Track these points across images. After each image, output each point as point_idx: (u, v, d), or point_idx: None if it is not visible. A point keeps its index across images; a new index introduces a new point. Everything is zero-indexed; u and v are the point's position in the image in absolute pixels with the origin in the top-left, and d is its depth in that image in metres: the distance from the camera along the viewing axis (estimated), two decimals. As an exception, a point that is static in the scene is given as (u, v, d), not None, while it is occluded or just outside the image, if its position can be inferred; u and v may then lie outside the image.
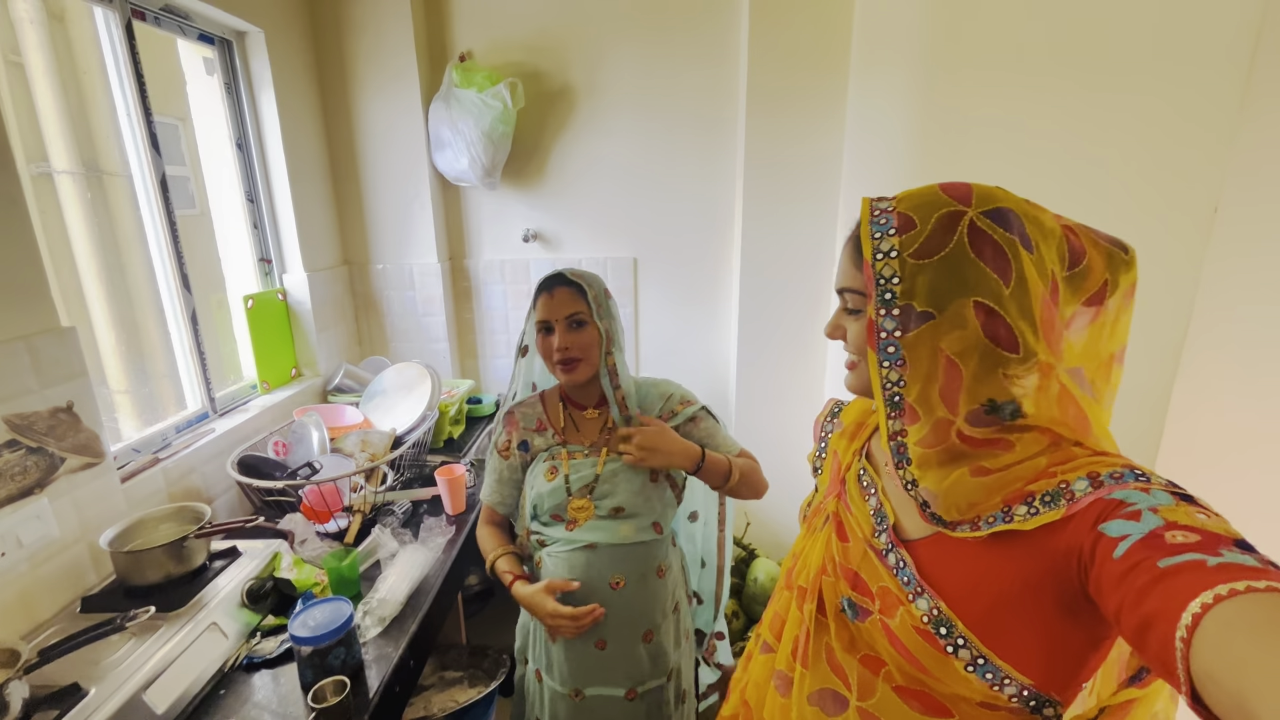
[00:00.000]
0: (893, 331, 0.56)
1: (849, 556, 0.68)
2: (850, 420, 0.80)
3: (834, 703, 0.67)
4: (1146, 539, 0.44)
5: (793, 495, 2.37)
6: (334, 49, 2.03)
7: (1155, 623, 0.41)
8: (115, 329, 1.68)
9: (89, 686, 0.89)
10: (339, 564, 1.23)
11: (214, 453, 1.56)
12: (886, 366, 0.57)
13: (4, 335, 1.05)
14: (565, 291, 1.13)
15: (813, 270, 2.06)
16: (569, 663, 1.16)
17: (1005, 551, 0.55)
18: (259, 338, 1.86)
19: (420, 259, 2.20)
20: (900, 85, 1.55)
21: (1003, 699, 0.56)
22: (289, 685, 1.03)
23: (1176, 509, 0.46)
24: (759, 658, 0.79)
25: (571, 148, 2.15)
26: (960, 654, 0.56)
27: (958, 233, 0.54)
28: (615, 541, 1.13)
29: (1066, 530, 0.51)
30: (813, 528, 0.76)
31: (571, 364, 1.13)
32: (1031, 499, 0.54)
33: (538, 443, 1.21)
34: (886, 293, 0.56)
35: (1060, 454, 0.55)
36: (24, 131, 1.51)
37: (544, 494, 1.15)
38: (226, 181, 1.86)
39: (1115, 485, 0.50)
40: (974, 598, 0.57)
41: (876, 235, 0.57)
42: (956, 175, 0.62)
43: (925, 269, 0.55)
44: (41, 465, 1.09)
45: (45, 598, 1.10)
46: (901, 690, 0.62)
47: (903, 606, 0.60)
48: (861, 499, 0.69)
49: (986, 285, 0.53)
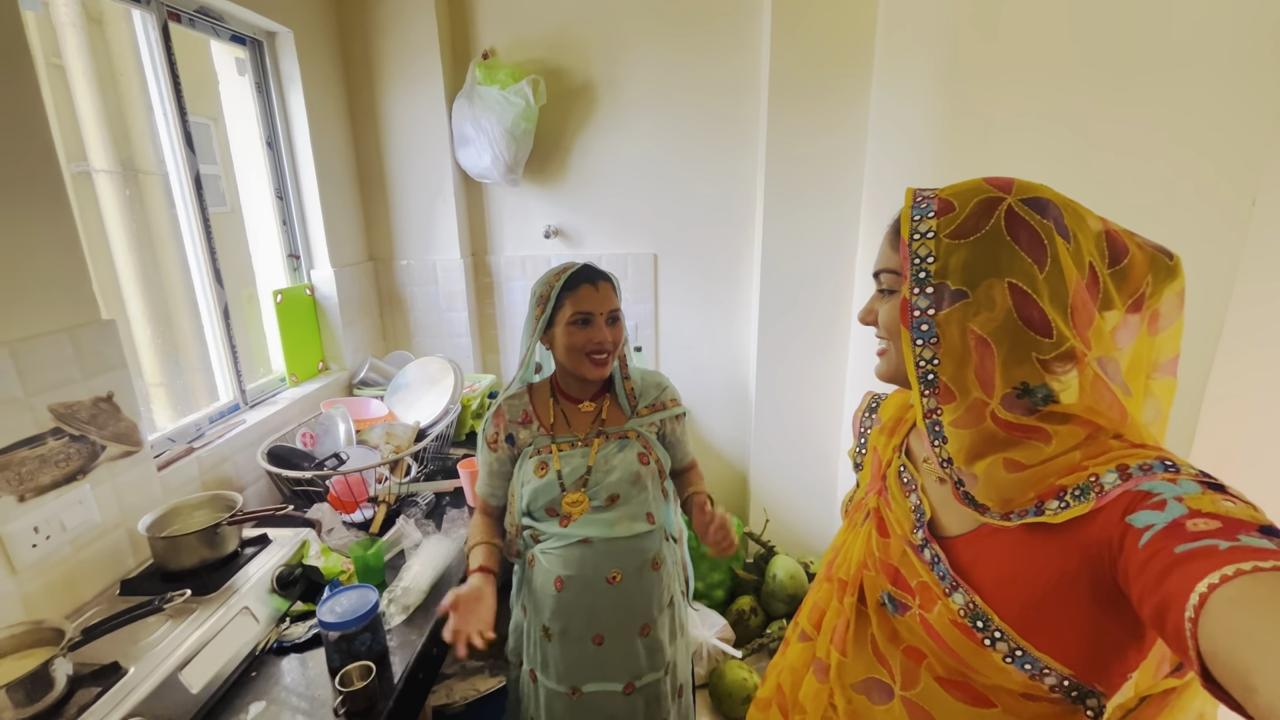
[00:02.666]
0: (926, 309, 0.57)
1: (889, 552, 0.69)
2: (888, 415, 0.80)
3: (880, 691, 0.68)
4: (1169, 527, 0.45)
5: (811, 492, 2.37)
6: (360, 48, 2.07)
7: (1170, 606, 0.42)
8: (151, 323, 1.73)
9: (128, 665, 0.92)
10: (365, 553, 1.26)
11: (245, 443, 1.60)
12: (920, 344, 0.58)
13: (49, 327, 1.09)
14: (608, 285, 1.14)
15: (834, 266, 2.05)
16: (566, 661, 1.15)
17: (1039, 545, 0.56)
18: (288, 332, 1.91)
19: (443, 255, 2.23)
20: (925, 79, 1.53)
21: (1043, 689, 0.56)
22: (317, 669, 1.06)
23: (1202, 497, 0.46)
24: (796, 645, 0.81)
25: (593, 144, 2.15)
26: (998, 646, 0.57)
27: (994, 216, 0.55)
28: (610, 536, 1.13)
29: (1096, 523, 0.51)
30: (854, 523, 0.77)
31: (604, 359, 1.13)
32: (1063, 493, 0.54)
33: (523, 436, 1.19)
34: (921, 271, 0.57)
35: (1095, 447, 0.55)
36: (64, 132, 1.57)
37: (537, 490, 1.14)
38: (256, 179, 1.91)
39: (1143, 477, 0.50)
40: (1010, 592, 0.57)
41: (916, 218, 0.58)
42: (982, 172, 0.61)
43: (960, 248, 0.56)
44: (84, 453, 1.13)
45: (87, 580, 1.14)
46: (943, 681, 0.63)
47: (940, 601, 0.61)
48: (902, 495, 0.70)
49: (1020, 267, 0.54)
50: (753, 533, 2.24)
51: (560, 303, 1.12)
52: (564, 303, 1.11)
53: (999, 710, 0.60)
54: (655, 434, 1.21)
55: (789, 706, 0.79)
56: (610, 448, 1.15)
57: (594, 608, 1.13)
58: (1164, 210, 0.84)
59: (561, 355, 1.15)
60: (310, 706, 0.98)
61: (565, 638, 1.15)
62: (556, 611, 1.14)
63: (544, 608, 1.15)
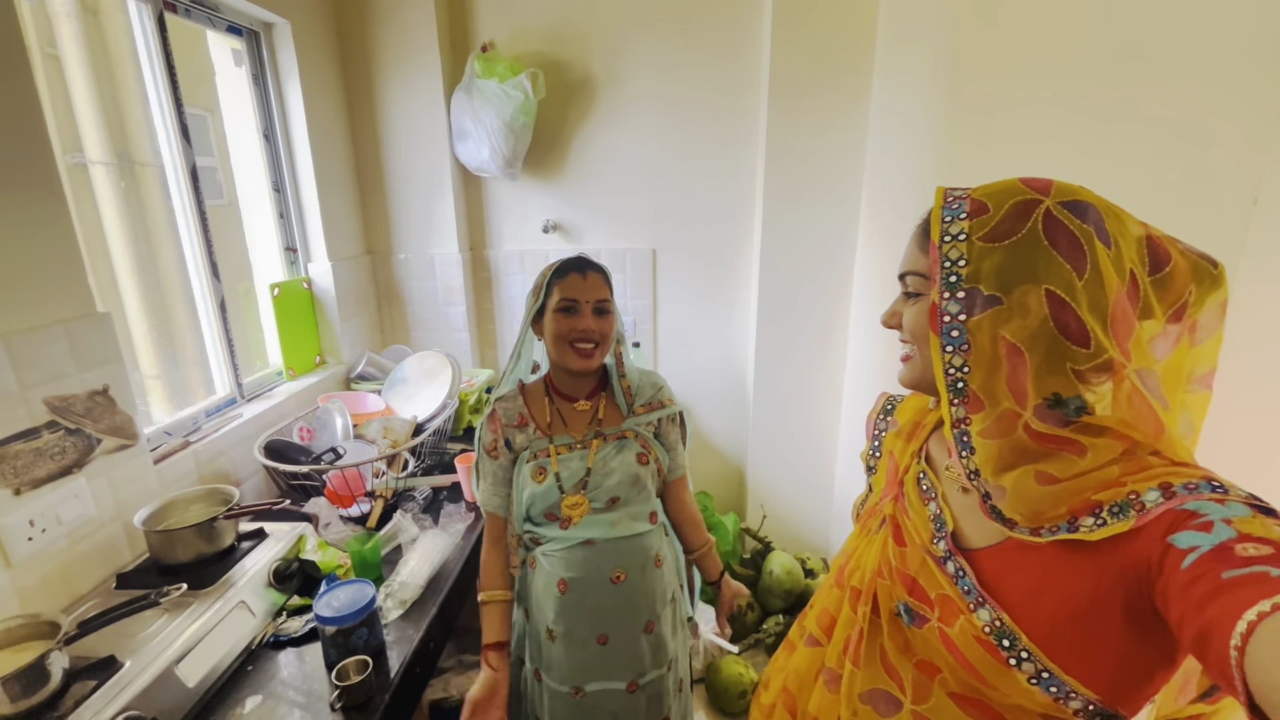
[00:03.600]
0: (956, 315, 0.55)
1: (906, 562, 0.66)
2: (906, 419, 0.77)
3: (887, 703, 0.66)
4: (1215, 550, 0.43)
5: (808, 489, 2.37)
6: (358, 40, 2.05)
7: (1213, 633, 0.40)
8: (147, 316, 1.72)
9: (124, 659, 0.92)
10: (362, 547, 1.26)
11: (241, 437, 1.60)
12: (950, 351, 0.55)
13: (44, 320, 1.09)
14: (597, 276, 1.12)
15: (834, 264, 2.04)
16: (570, 661, 1.14)
17: (1071, 563, 0.53)
18: (285, 325, 1.90)
19: (441, 249, 2.23)
20: (926, 76, 1.53)
21: (1066, 713, 0.54)
22: (313, 663, 1.06)
23: (1252, 521, 0.44)
24: (803, 649, 0.78)
25: (592, 139, 2.15)
26: (1024, 667, 0.54)
27: (1032, 219, 0.53)
28: (612, 536, 1.12)
29: (1136, 542, 0.49)
30: (868, 529, 0.74)
31: (589, 349, 1.11)
32: (1099, 509, 0.52)
33: (519, 440, 1.15)
34: (952, 275, 0.55)
35: (1134, 463, 0.53)
36: (60, 123, 1.55)
37: (536, 495, 1.11)
38: (253, 172, 1.90)
39: (1189, 496, 0.48)
40: (1038, 610, 0.54)
41: (947, 219, 0.56)
42: (984, 171, 0.60)
43: (994, 252, 0.53)
44: (79, 446, 1.13)
45: (83, 573, 1.14)
46: (957, 697, 0.61)
47: (963, 616, 0.58)
48: (920, 503, 0.68)
49: (1058, 274, 0.52)
50: (750, 529, 2.24)
51: (550, 291, 1.12)
52: (553, 290, 1.11)
53: None
54: (652, 433, 1.20)
55: (797, 712, 0.77)
56: (609, 449, 1.14)
57: (598, 608, 1.12)
58: (1164, 207, 0.84)
59: (550, 345, 1.13)
60: (307, 700, 0.98)
61: (569, 639, 1.13)
62: (560, 613, 1.12)
63: (547, 610, 1.14)
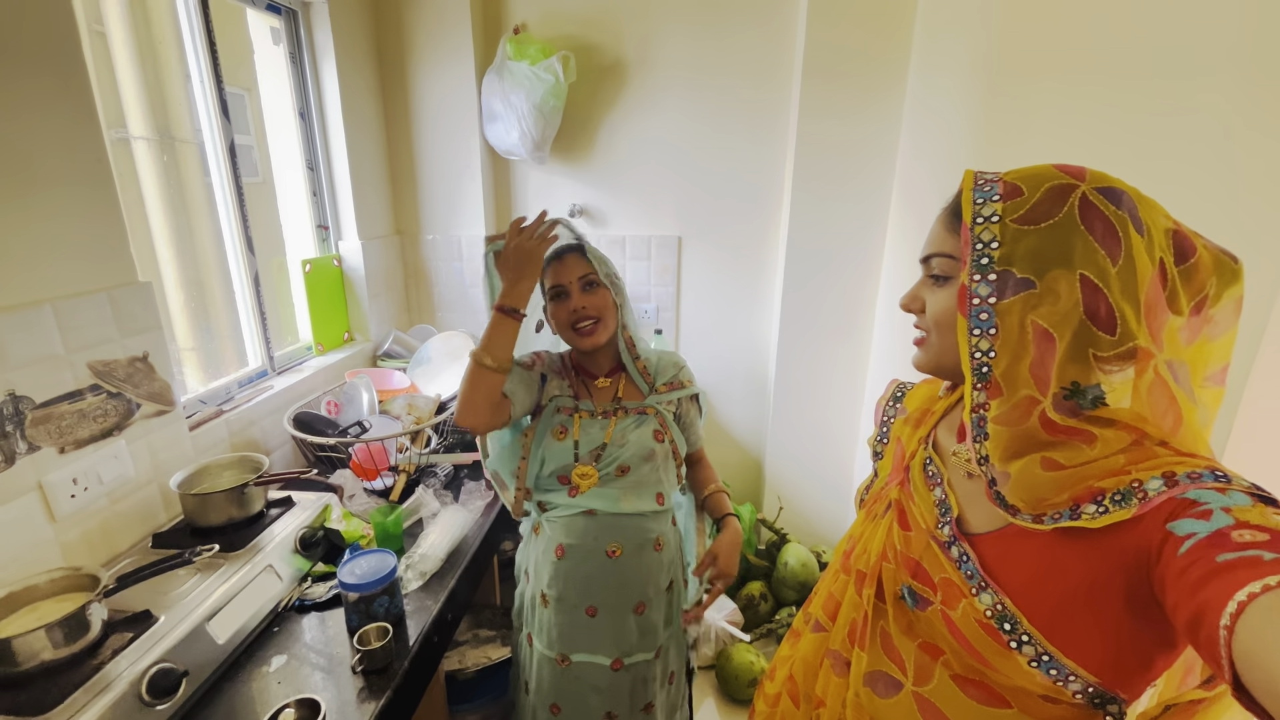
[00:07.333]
0: (986, 297, 0.54)
1: (911, 546, 0.67)
2: (915, 406, 0.78)
3: (887, 685, 0.66)
4: (1212, 537, 0.43)
5: (826, 481, 2.36)
6: (392, 20, 2.07)
7: (1205, 613, 0.40)
8: (183, 288, 1.77)
9: (159, 614, 0.96)
10: (384, 519, 1.29)
11: (272, 408, 1.64)
12: (978, 334, 0.55)
13: (90, 286, 1.13)
14: (571, 256, 1.15)
15: (861, 258, 2.01)
16: (558, 628, 1.17)
17: (1072, 549, 0.54)
18: (315, 301, 1.94)
19: (468, 231, 2.25)
20: (964, 70, 1.49)
21: (1066, 694, 0.55)
22: (336, 628, 1.10)
23: (1251, 510, 0.44)
24: (809, 636, 0.79)
25: (621, 124, 2.14)
26: (1024, 650, 0.55)
27: (1068, 203, 0.52)
28: (615, 510, 1.14)
29: (1137, 529, 0.49)
30: (873, 514, 0.75)
31: (590, 326, 1.13)
32: (1101, 497, 0.52)
33: (552, 386, 1.21)
34: (984, 257, 0.54)
35: (1141, 452, 0.53)
36: (105, 98, 1.60)
37: (552, 453, 1.16)
38: (288, 150, 1.93)
39: (1190, 485, 0.48)
40: (1039, 595, 0.55)
41: (979, 200, 0.55)
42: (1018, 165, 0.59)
43: (1028, 235, 0.53)
44: (120, 410, 1.17)
45: (122, 531, 1.19)
46: (959, 679, 0.62)
47: (965, 599, 0.59)
48: (926, 489, 0.68)
49: (1093, 260, 0.51)
50: (766, 519, 2.24)
51: (544, 286, 1.18)
52: (546, 284, 1.18)
53: (1015, 711, 0.58)
54: (672, 414, 1.22)
55: (800, 697, 0.78)
56: (628, 422, 1.17)
57: (590, 579, 1.15)
58: (1207, 214, 0.81)
59: (560, 335, 1.19)
60: (329, 663, 1.02)
61: (560, 605, 1.17)
62: (554, 578, 1.16)
63: (543, 574, 1.18)
